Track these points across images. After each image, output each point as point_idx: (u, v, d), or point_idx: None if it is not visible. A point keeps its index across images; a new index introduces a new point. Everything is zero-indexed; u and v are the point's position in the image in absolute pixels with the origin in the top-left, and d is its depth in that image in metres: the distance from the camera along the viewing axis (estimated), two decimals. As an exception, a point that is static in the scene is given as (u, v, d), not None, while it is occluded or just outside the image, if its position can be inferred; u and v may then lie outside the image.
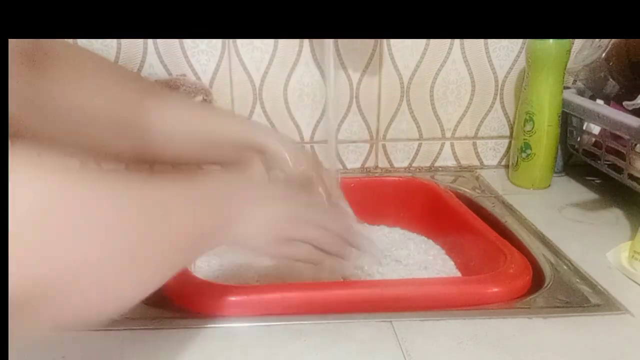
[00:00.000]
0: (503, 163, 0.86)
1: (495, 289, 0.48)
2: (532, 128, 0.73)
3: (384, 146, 0.84)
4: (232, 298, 0.45)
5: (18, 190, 0.24)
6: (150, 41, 0.76)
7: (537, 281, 0.52)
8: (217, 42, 0.77)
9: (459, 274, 0.62)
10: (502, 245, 0.55)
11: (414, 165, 0.85)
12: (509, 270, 0.50)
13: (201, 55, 0.77)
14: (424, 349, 0.41)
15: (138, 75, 0.49)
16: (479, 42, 0.80)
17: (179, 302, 0.46)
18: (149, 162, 0.42)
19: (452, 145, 0.85)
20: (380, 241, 0.68)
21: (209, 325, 0.44)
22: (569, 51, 0.70)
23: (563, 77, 0.72)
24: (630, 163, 0.64)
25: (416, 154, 0.85)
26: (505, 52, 0.80)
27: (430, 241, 0.69)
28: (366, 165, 0.85)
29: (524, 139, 0.74)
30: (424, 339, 0.42)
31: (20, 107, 0.39)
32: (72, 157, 0.40)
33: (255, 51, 0.78)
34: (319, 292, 0.47)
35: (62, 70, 0.43)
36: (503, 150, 0.85)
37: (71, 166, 0.29)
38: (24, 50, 0.41)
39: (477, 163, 0.86)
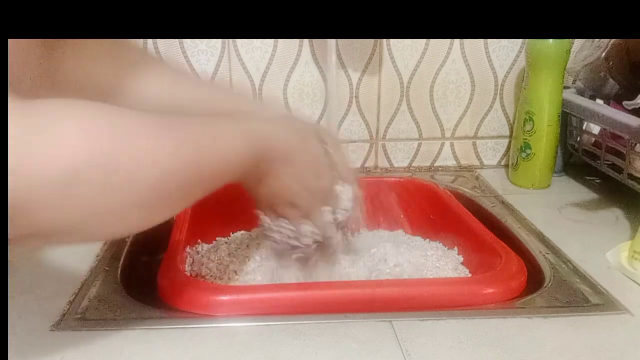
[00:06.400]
0: (503, 163, 0.86)
1: (491, 290, 0.48)
2: (532, 128, 0.73)
3: (384, 146, 0.84)
4: (232, 298, 0.46)
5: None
6: (150, 41, 0.76)
7: (537, 281, 0.52)
8: (217, 42, 0.77)
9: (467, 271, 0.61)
10: (499, 246, 0.55)
11: (414, 165, 0.85)
12: (504, 271, 0.50)
13: (201, 55, 0.77)
14: (424, 349, 0.41)
15: (131, 45, 0.55)
16: (479, 42, 0.80)
17: (179, 303, 0.46)
18: None
19: (452, 145, 0.85)
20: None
21: (208, 325, 0.44)
22: (569, 51, 0.70)
23: (563, 77, 0.72)
24: (630, 163, 0.64)
25: (416, 154, 0.85)
26: (505, 52, 0.80)
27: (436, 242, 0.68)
28: (366, 165, 0.85)
29: (524, 139, 0.74)
30: (424, 339, 0.42)
31: (35, 77, 0.43)
32: None
33: (255, 51, 0.78)
34: (319, 292, 0.47)
35: (69, 44, 0.47)
36: (503, 150, 0.85)
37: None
38: None
39: (477, 163, 0.86)
